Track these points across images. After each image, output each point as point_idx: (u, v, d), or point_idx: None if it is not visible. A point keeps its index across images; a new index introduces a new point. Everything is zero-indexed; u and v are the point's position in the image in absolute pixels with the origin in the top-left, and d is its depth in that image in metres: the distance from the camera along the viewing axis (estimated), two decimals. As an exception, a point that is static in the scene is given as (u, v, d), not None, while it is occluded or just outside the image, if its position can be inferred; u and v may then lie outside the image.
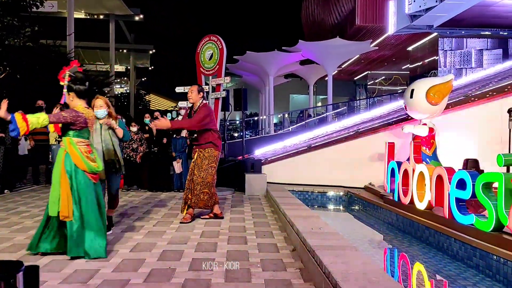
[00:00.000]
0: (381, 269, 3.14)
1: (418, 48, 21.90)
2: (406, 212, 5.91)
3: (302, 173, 9.12)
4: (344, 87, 34.68)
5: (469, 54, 16.28)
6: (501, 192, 3.86)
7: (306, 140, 11.45)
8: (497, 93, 8.25)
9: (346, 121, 14.22)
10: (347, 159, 8.96)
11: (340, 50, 19.94)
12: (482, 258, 4.06)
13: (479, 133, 8.20)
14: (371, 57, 25.38)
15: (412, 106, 7.31)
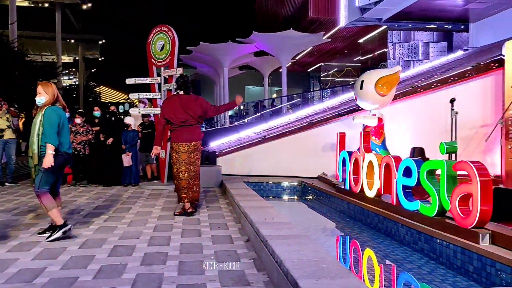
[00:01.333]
0: (331, 256, 3.22)
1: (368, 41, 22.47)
2: (356, 200, 6.08)
3: (257, 164, 9.17)
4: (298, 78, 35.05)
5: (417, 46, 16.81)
6: (443, 178, 4.05)
7: (261, 132, 11.51)
8: (441, 84, 8.62)
9: (300, 112, 14.41)
10: (301, 149, 9.10)
11: (293, 42, 20.11)
12: (426, 242, 4.26)
13: (425, 123, 8.55)
14: (324, 49, 25.76)
15: (362, 97, 7.49)
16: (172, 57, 8.18)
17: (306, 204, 8.02)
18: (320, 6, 20.92)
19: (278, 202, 8.36)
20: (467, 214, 3.72)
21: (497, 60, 8.31)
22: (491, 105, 8.47)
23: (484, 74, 8.48)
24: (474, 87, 8.55)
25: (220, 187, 8.33)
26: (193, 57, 24.39)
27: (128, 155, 8.33)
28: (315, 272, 2.82)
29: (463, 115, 7.92)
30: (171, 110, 5.75)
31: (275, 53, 21.53)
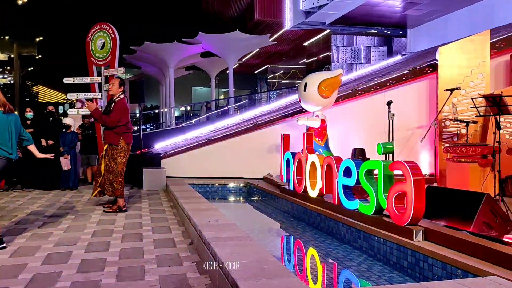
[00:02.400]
0: (273, 257, 3.24)
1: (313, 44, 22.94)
2: (300, 200, 6.18)
3: (203, 166, 9.09)
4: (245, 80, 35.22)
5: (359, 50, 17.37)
6: (380, 178, 4.20)
7: (207, 133, 11.43)
8: (380, 87, 8.97)
9: (247, 114, 14.46)
10: (247, 151, 9.13)
11: (240, 44, 20.18)
12: (365, 240, 4.39)
13: (366, 124, 8.85)
14: (271, 51, 26.04)
15: (306, 99, 7.65)
16: (113, 56, 7.93)
17: (251, 205, 8.04)
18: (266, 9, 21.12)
19: (224, 204, 8.32)
20: (402, 212, 3.87)
21: (432, 65, 8.77)
22: (426, 108, 8.92)
23: (419, 78, 8.92)
24: (410, 90, 8.97)
25: (164, 190, 8.18)
26: (138, 56, 23.82)
27: (66, 157, 7.97)
28: (256, 273, 2.82)
29: (400, 117, 8.29)
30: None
31: (222, 54, 21.50)
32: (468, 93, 7.72)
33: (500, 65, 8.54)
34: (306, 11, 14.50)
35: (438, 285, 2.62)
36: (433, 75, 8.69)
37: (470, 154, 6.46)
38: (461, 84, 7.76)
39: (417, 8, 13.11)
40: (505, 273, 2.81)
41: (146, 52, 22.20)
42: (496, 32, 9.28)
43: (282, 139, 7.52)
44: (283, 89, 26.92)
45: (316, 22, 15.05)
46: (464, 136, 7.45)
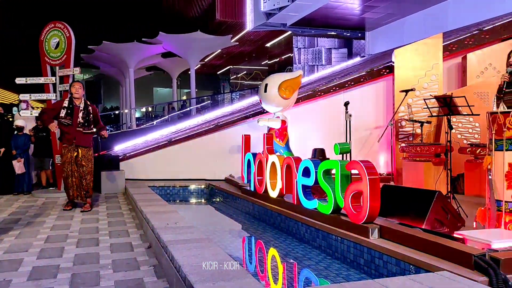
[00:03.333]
0: (231, 259, 3.23)
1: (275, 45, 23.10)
2: (261, 201, 6.19)
3: (163, 167, 8.96)
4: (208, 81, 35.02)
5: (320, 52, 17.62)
6: (337, 178, 4.27)
7: (168, 134, 11.28)
8: (339, 88, 9.13)
9: (209, 115, 14.38)
10: (208, 152, 9.07)
11: (201, 44, 20.05)
12: (323, 239, 4.45)
13: (326, 124, 8.98)
14: (233, 52, 26.03)
15: (266, 100, 7.68)
16: (69, 56, 7.68)
17: (213, 207, 8.00)
18: (228, 9, 21.08)
19: (185, 206, 8.23)
20: (358, 211, 3.95)
21: (388, 67, 9.01)
22: (383, 108, 9.16)
23: (377, 79, 9.14)
24: (368, 91, 9.18)
25: (123, 193, 8.00)
26: (96, 56, 23.22)
27: (20, 161, 7.66)
28: (213, 275, 2.80)
29: (359, 118, 8.48)
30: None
31: (183, 55, 21.29)
32: (422, 94, 7.98)
33: (452, 67, 8.88)
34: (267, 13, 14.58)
35: (390, 281, 2.68)
36: (390, 77, 8.93)
37: (425, 153, 6.68)
38: (415, 85, 8.02)
39: (375, 11, 13.43)
40: (455, 267, 2.92)
41: (105, 52, 21.67)
42: (449, 35, 9.64)
43: (243, 140, 7.52)
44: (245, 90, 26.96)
45: (277, 24, 15.15)
46: (419, 135, 7.70)
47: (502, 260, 2.75)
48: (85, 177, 6.38)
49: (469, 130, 7.58)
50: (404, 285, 2.58)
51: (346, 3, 12.82)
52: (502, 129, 3.66)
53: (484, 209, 3.98)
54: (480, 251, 2.90)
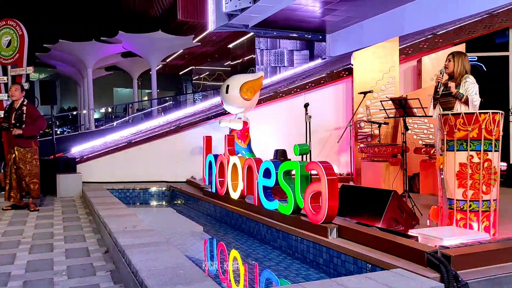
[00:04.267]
0: (190, 262, 3.19)
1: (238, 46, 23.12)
2: (222, 203, 6.17)
3: (123, 170, 8.77)
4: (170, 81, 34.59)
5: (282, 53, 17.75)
6: (297, 178, 4.31)
7: (128, 136, 11.04)
8: (300, 89, 9.24)
9: (171, 116, 14.19)
10: (170, 153, 8.95)
11: (162, 44, 19.78)
12: (284, 239, 4.48)
13: (287, 126, 9.06)
14: (195, 52, 25.81)
15: (228, 101, 7.66)
16: (21, 55, 7.39)
17: (174, 209, 7.90)
18: (189, 9, 20.90)
19: (145, 208, 8.09)
20: (317, 211, 4.00)
21: (348, 69, 9.20)
22: (343, 109, 9.34)
23: (337, 81, 9.31)
24: (328, 93, 9.34)
25: (81, 196, 7.77)
26: (52, 55, 22.44)
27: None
28: (171, 279, 2.76)
29: (319, 119, 8.61)
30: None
31: (144, 55, 20.93)
32: (380, 96, 8.19)
33: (408, 69, 9.18)
34: (229, 14, 14.55)
35: (347, 280, 2.73)
36: (349, 79, 9.12)
37: (382, 153, 6.86)
38: (373, 87, 8.23)
39: (335, 14, 13.68)
40: (409, 265, 3.00)
41: (61, 51, 20.98)
42: (405, 39, 9.95)
43: (204, 141, 7.48)
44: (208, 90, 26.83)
45: (239, 25, 15.15)
46: (377, 136, 7.90)
47: (452, 257, 2.85)
48: (24, 179, 6.40)
49: (424, 131, 7.84)
50: (360, 283, 2.63)
51: (307, 5, 12.98)
52: (453, 130, 3.80)
53: (437, 207, 4.13)
54: (432, 248, 3.00)
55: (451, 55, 4.70)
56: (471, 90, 4.50)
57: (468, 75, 4.58)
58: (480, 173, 3.70)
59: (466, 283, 2.67)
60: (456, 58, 4.61)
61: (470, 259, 2.93)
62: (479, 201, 3.72)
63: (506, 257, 3.06)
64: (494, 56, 9.32)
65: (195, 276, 2.85)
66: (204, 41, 22.76)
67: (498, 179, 3.82)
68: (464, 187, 3.75)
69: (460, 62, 4.58)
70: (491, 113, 3.69)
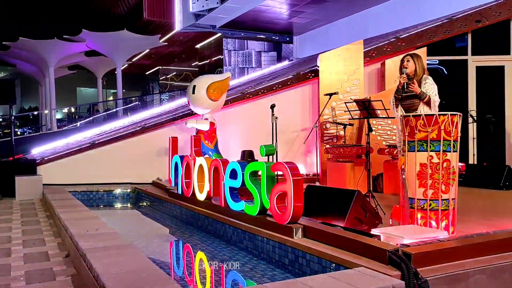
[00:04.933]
0: (154, 265, 3.14)
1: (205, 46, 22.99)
2: (189, 204, 6.11)
3: (86, 171, 8.55)
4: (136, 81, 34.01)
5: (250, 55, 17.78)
6: (263, 179, 4.32)
7: (92, 136, 10.78)
8: (267, 91, 9.28)
9: (137, 116, 13.95)
10: (135, 154, 8.80)
11: (128, 43, 19.45)
12: (250, 240, 4.48)
13: (254, 126, 9.06)
14: (162, 52, 25.52)
15: (195, 102, 7.62)
16: (-22, 52, 7.08)
17: (140, 212, 7.76)
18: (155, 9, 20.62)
19: (109, 211, 7.92)
20: (283, 211, 4.02)
21: (314, 70, 9.30)
22: (309, 111, 9.44)
23: (303, 83, 9.40)
24: (295, 94, 9.42)
25: (41, 199, 7.52)
26: (12, 53, 21.65)
27: None
28: (134, 283, 2.71)
29: (286, 120, 8.66)
30: None
31: (109, 54, 20.51)
32: (345, 98, 8.33)
33: (373, 72, 9.38)
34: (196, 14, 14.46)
35: (311, 279, 2.75)
36: (315, 80, 9.22)
37: (347, 154, 6.97)
38: (339, 89, 8.36)
39: (302, 17, 13.82)
40: (371, 263, 3.05)
41: (22, 49, 20.28)
42: (369, 42, 10.16)
43: (170, 142, 7.39)
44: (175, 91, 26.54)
45: (207, 25, 15.08)
46: (342, 137, 8.03)
47: (413, 255, 2.92)
48: None
49: (387, 132, 8.02)
50: (324, 283, 2.66)
51: (274, 7, 13.05)
52: (414, 131, 3.90)
53: (399, 206, 4.22)
54: (394, 247, 3.07)
55: (409, 56, 4.84)
56: (431, 91, 4.65)
57: (427, 76, 4.74)
58: (440, 173, 3.82)
59: (425, 280, 2.74)
60: (415, 59, 4.76)
61: (430, 256, 3.01)
62: (439, 200, 3.83)
63: (463, 254, 3.16)
64: (454, 60, 9.65)
65: (159, 279, 2.81)
66: (171, 41, 22.52)
67: (457, 179, 3.95)
68: (425, 187, 3.85)
69: (418, 63, 4.73)
70: (449, 115, 3.80)
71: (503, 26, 9.25)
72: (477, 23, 8.97)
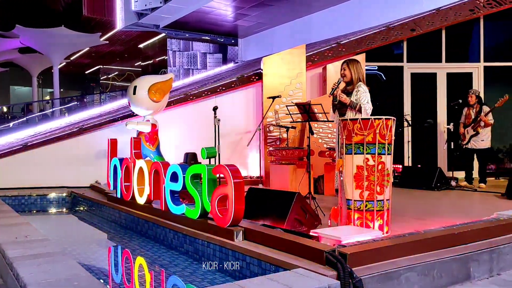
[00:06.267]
0: (86, 273, 3.01)
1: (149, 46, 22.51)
2: (128, 208, 5.94)
3: (18, 175, 8.07)
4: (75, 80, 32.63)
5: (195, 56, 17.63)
6: (204, 182, 4.27)
7: (25, 138, 10.20)
8: (211, 92, 9.23)
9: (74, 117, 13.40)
10: (72, 157, 8.42)
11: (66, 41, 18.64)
12: (191, 244, 4.42)
13: (198, 129, 8.97)
14: (103, 51, 24.63)
15: (136, 103, 7.39)
16: None
17: (76, 217, 7.44)
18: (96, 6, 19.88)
19: (42, 216, 7.52)
20: (224, 214, 4.00)
21: (258, 73, 9.37)
22: (253, 113, 9.49)
23: (247, 85, 9.44)
24: (239, 96, 9.44)
25: (-34, 205, 7.00)
26: None
27: None
28: (64, 293, 2.58)
29: (230, 122, 8.66)
30: None
31: (45, 51, 19.56)
32: (288, 101, 8.46)
33: (315, 76, 9.60)
34: (139, 12, 14.11)
35: (249, 282, 2.75)
36: (259, 83, 9.29)
37: (289, 156, 7.07)
38: (282, 92, 8.47)
39: (246, 20, 13.90)
40: (309, 264, 3.10)
41: None
42: (312, 47, 10.40)
43: (108, 144, 7.14)
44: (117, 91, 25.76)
45: (150, 25, 14.77)
46: (285, 140, 8.14)
47: (348, 255, 3.00)
48: None
49: (328, 135, 8.24)
50: (262, 285, 2.66)
51: (219, 9, 13.03)
52: (351, 134, 4.02)
53: (337, 208, 4.34)
54: (331, 247, 3.14)
55: (345, 63, 4.97)
56: (363, 99, 4.78)
57: (360, 84, 4.86)
58: (375, 175, 3.96)
59: (360, 279, 2.82)
60: (350, 66, 4.89)
61: (365, 256, 3.10)
62: (374, 201, 3.98)
63: (396, 252, 3.29)
64: (392, 66, 10.10)
65: (91, 286, 2.69)
66: (112, 40, 21.80)
67: (391, 180, 4.12)
68: (361, 188, 3.98)
69: (355, 69, 4.86)
70: (384, 119, 3.96)
71: (435, 35, 9.81)
72: (412, 32, 9.44)
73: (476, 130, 7.90)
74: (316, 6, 12.35)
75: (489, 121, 7.82)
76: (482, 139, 7.92)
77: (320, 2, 12.04)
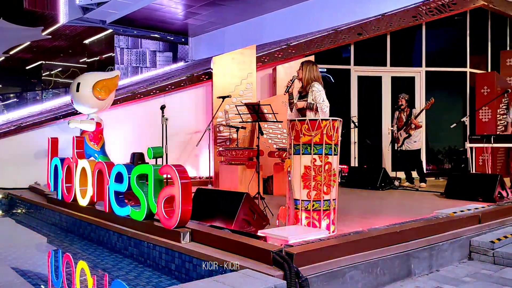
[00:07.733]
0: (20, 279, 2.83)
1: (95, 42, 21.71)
2: (69, 210, 5.68)
3: None
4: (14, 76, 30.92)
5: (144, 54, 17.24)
6: (150, 182, 4.15)
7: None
8: (160, 91, 9.03)
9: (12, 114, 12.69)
10: (9, 157, 7.95)
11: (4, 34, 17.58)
12: (136, 247, 4.28)
13: (146, 128, 8.75)
14: (45, 46, 23.47)
15: (79, 100, 7.09)
16: None
17: (13, 220, 7.01)
18: (38, -2, 18.95)
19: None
20: (170, 216, 3.90)
21: (208, 73, 9.27)
22: (202, 113, 9.38)
23: (197, 85, 9.33)
24: (188, 96, 9.30)
25: None
26: None
27: None
28: (-6, 302, 2.40)
29: (179, 122, 8.52)
30: None
31: (-18, 44, 18.35)
32: (238, 101, 8.43)
33: (265, 77, 9.64)
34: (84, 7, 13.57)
35: (195, 284, 2.69)
36: (209, 83, 9.20)
37: (239, 157, 7.06)
38: (232, 92, 8.44)
39: (197, 18, 13.74)
40: (257, 264, 3.09)
41: None
42: (262, 47, 10.44)
43: (49, 143, 6.80)
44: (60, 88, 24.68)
45: (96, 20, 14.27)
46: (235, 140, 8.11)
47: (295, 254, 3.01)
48: None
49: (278, 136, 8.30)
50: (207, 287, 2.61)
51: (168, 6, 12.78)
52: (299, 135, 4.06)
53: (285, 208, 4.36)
54: (278, 247, 3.14)
55: (301, 64, 5.04)
56: (318, 98, 4.84)
57: (313, 84, 4.91)
58: (322, 175, 4.01)
59: (306, 278, 2.84)
60: (304, 67, 4.96)
61: (311, 255, 3.13)
62: (321, 201, 4.03)
63: (342, 251, 3.34)
64: (340, 69, 10.34)
65: (25, 295, 2.52)
66: (55, 34, 20.81)
67: (337, 181, 4.19)
68: (308, 188, 4.03)
69: (307, 70, 4.92)
70: (331, 120, 4.02)
71: (381, 40, 10.16)
72: (358, 36, 9.72)
73: (408, 132, 8.24)
74: (268, 7, 12.42)
75: (419, 123, 8.18)
76: (414, 141, 8.29)
77: (271, 3, 12.12)
